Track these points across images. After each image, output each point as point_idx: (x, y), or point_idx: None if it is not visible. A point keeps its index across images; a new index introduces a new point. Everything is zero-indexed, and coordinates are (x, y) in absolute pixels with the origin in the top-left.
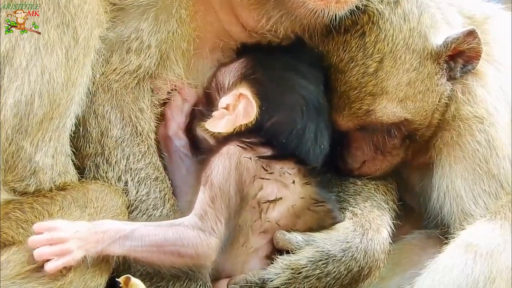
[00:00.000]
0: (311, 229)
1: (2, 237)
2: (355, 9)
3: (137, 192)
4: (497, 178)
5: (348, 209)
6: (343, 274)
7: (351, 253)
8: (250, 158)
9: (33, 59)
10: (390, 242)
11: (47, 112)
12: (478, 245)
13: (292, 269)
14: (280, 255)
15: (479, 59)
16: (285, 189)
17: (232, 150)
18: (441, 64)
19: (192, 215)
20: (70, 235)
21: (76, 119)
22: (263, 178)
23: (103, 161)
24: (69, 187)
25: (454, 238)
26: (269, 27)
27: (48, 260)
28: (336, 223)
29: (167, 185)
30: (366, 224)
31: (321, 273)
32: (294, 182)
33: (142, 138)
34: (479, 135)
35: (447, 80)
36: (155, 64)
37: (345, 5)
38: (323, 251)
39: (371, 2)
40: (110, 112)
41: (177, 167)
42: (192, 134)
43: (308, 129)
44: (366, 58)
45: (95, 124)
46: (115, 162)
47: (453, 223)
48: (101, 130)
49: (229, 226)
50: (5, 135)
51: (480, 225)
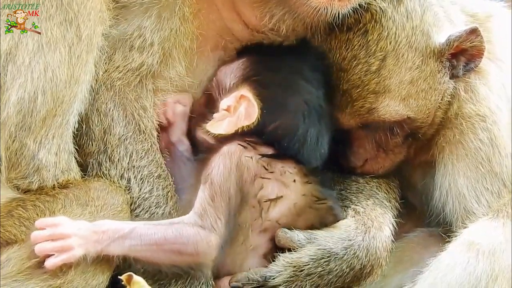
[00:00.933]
0: (312, 227)
1: (5, 235)
2: (358, 7)
3: (140, 190)
4: (500, 176)
5: (350, 207)
6: (345, 272)
7: (353, 251)
8: (251, 157)
9: (36, 57)
10: (392, 240)
11: (50, 110)
12: (481, 244)
13: (294, 267)
14: (282, 253)
15: (482, 57)
16: (286, 188)
17: (233, 149)
18: (444, 62)
19: (192, 213)
20: (72, 232)
21: (79, 117)
22: (264, 177)
23: (106, 159)
24: (72, 185)
25: (457, 237)
26: (272, 25)
27: (49, 256)
28: (338, 221)
29: (170, 183)
30: (368, 222)
31: (323, 271)
32: (295, 181)
33: (145, 136)
34: (482, 133)
35: (450, 78)
36: (158, 62)
37: (348, 3)
38: (325, 249)
39: (374, 0)
40: (113, 110)
41: (179, 172)
42: (191, 137)
43: (309, 134)
44: (369, 56)
45: (98, 122)
46: (118, 160)
47: (455, 221)
48: (104, 128)
49: (229, 225)
50: (9, 132)
51: (483, 224)
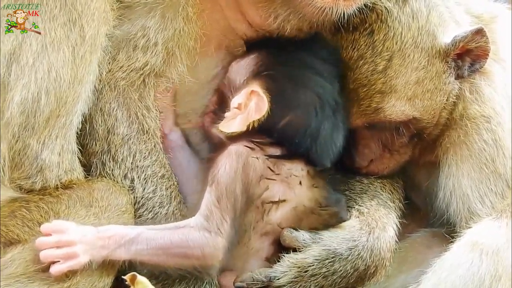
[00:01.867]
0: (316, 230)
1: (8, 235)
2: (364, 7)
3: (144, 190)
4: (504, 177)
5: (355, 208)
6: (350, 273)
7: (358, 252)
8: (258, 158)
9: (40, 57)
10: (396, 241)
11: (54, 110)
12: (484, 244)
13: (299, 268)
14: (287, 253)
15: (487, 58)
16: (291, 191)
17: (240, 150)
18: (449, 63)
19: (198, 216)
20: (78, 239)
21: (83, 117)
22: (270, 179)
23: (110, 159)
24: (75, 186)
25: (460, 237)
26: (276, 25)
27: (54, 262)
28: (342, 222)
29: (174, 183)
30: (373, 223)
31: (328, 272)
32: (301, 183)
33: (149, 136)
34: (486, 134)
35: (455, 79)
36: (161, 62)
37: (354, 3)
38: (330, 250)
39: (380, 0)
40: (117, 110)
41: (178, 162)
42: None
43: (323, 129)
44: (375, 56)
45: (102, 122)
46: (122, 160)
47: (459, 222)
48: (108, 128)
49: (235, 226)
50: (12, 133)
51: (486, 224)
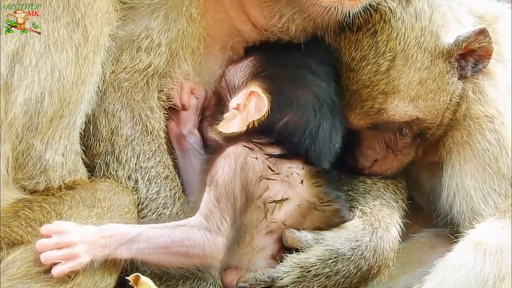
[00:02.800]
0: (319, 229)
1: (11, 236)
2: (368, 7)
3: (147, 191)
4: (507, 178)
5: (358, 208)
6: (353, 273)
7: (361, 252)
8: (257, 158)
9: (43, 57)
10: (400, 241)
11: (57, 110)
12: (488, 243)
13: (302, 268)
14: (290, 254)
15: (490, 58)
16: (292, 189)
17: (238, 150)
18: (452, 63)
19: (198, 215)
20: (78, 239)
21: (86, 118)
22: (269, 179)
23: (113, 160)
24: (78, 186)
25: (464, 237)
26: (281, 26)
27: (56, 264)
28: (344, 222)
29: (177, 184)
30: (376, 223)
31: (331, 272)
32: (302, 182)
33: (153, 137)
34: (489, 134)
35: (458, 79)
36: (165, 63)
37: (359, 3)
38: (333, 250)
39: (383, 1)
40: (120, 111)
41: (190, 165)
42: (202, 133)
43: (322, 128)
44: (378, 57)
45: (105, 123)
46: (125, 161)
47: (463, 222)
48: (111, 129)
49: (235, 225)
50: (15, 133)
51: (490, 224)
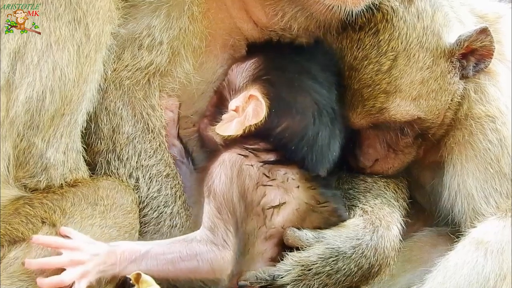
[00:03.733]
0: (319, 229)
1: (12, 234)
2: (370, 6)
3: (148, 189)
4: (509, 177)
5: (358, 206)
6: (353, 271)
7: (361, 250)
8: (252, 165)
9: (45, 56)
10: (400, 240)
11: (59, 108)
12: (489, 242)
13: (302, 266)
14: (290, 252)
15: (492, 57)
16: (288, 194)
17: (234, 158)
18: (454, 63)
19: (203, 229)
20: (89, 257)
21: (88, 116)
22: (266, 185)
23: (115, 158)
24: (80, 184)
25: (465, 236)
26: (283, 24)
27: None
28: (342, 221)
29: (178, 182)
30: (376, 222)
31: (331, 270)
32: (299, 187)
33: (154, 135)
34: (491, 134)
35: (460, 79)
36: (167, 61)
37: (362, 2)
38: (333, 248)
39: (386, 0)
40: (122, 109)
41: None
42: (199, 131)
43: (320, 136)
44: (380, 56)
45: (107, 121)
46: (127, 159)
47: (464, 222)
48: (113, 127)
49: (238, 235)
50: (17, 131)
51: (491, 223)
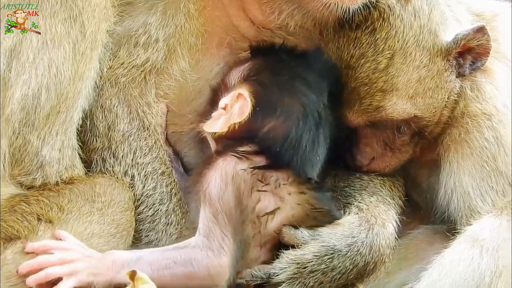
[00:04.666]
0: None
1: (8, 231)
2: (367, 5)
3: (144, 187)
4: (505, 175)
5: (354, 204)
6: (349, 269)
7: (357, 248)
8: (245, 170)
9: (40, 53)
10: (396, 237)
11: (54, 106)
12: (485, 240)
13: (298, 264)
14: (286, 250)
15: (488, 56)
16: (282, 200)
17: (227, 161)
18: (451, 61)
19: (198, 235)
20: (82, 256)
21: (83, 113)
22: (260, 190)
23: (110, 155)
24: (76, 181)
25: (461, 234)
26: (280, 22)
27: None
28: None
29: (173, 180)
30: (372, 219)
31: (327, 268)
32: (291, 194)
33: (149, 132)
34: (487, 132)
35: (456, 77)
36: (162, 59)
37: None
38: (329, 246)
39: None
40: (117, 106)
41: None
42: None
43: (304, 139)
44: (377, 55)
45: (102, 118)
46: (122, 156)
47: (460, 220)
48: (108, 124)
49: (237, 240)
50: (12, 129)
51: (487, 220)
